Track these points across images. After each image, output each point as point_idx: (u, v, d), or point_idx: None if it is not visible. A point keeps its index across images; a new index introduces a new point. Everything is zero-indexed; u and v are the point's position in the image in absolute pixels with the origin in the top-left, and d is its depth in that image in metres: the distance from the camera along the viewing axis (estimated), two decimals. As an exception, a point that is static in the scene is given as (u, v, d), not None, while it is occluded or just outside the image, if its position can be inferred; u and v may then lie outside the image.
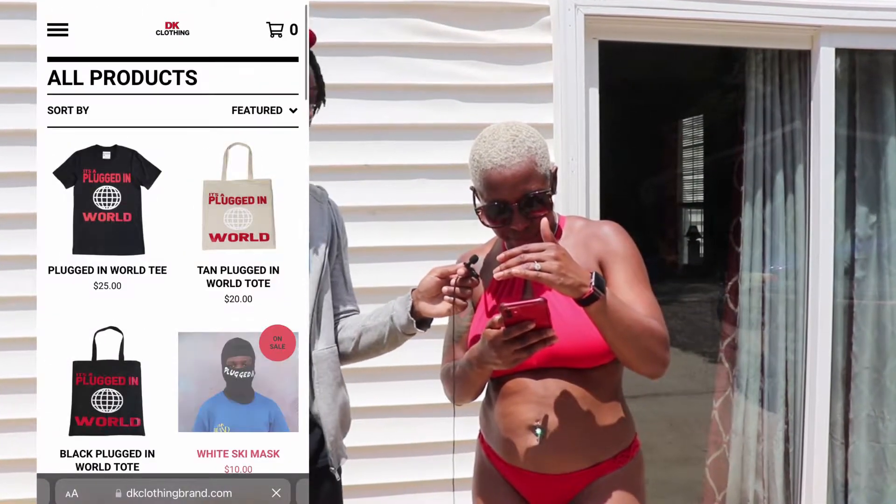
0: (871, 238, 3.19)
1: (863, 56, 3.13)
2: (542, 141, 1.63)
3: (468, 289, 1.59)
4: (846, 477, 3.19)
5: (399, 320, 1.71)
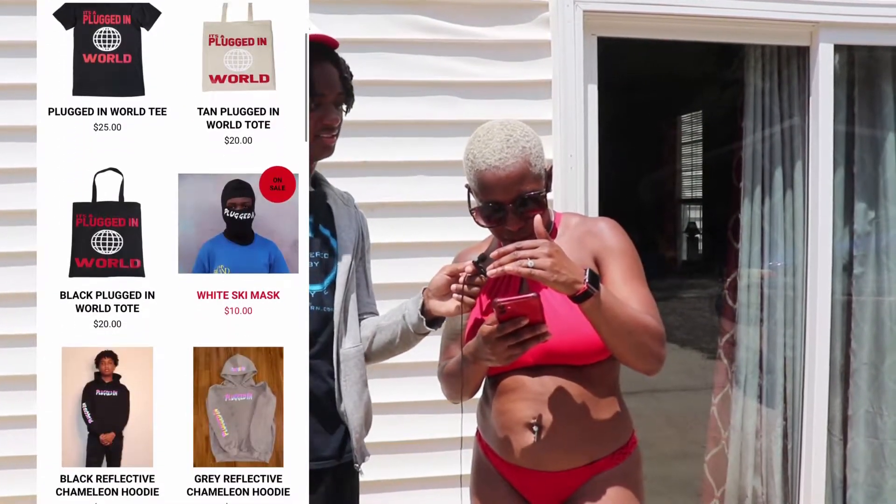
0: (870, 234, 3.20)
1: (861, 52, 3.14)
2: (536, 139, 1.63)
3: (477, 287, 1.58)
4: (844, 473, 3.20)
5: (410, 318, 1.72)
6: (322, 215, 1.78)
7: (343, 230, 1.80)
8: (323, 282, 1.73)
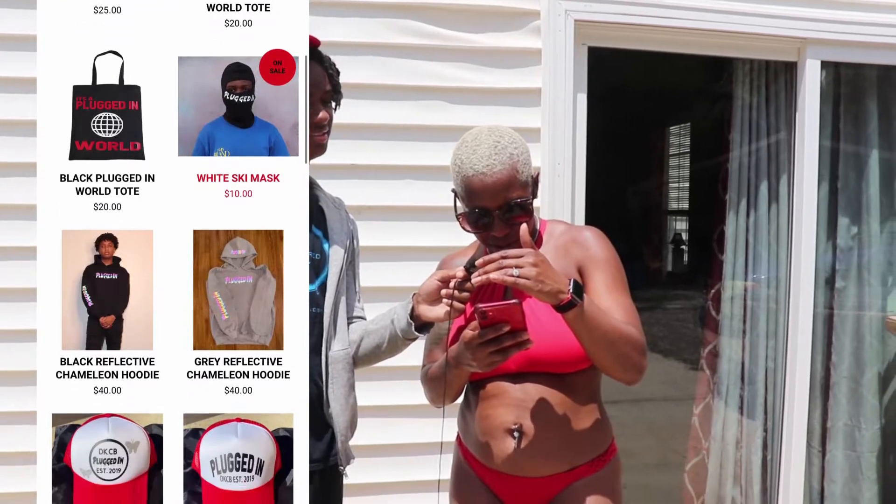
0: (853, 249, 3.23)
1: (848, 70, 3.17)
2: (524, 146, 1.63)
3: (467, 292, 1.58)
4: (822, 485, 3.22)
5: (399, 324, 1.72)
6: (314, 216, 1.78)
7: (335, 232, 1.80)
8: (314, 282, 1.73)
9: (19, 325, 2.43)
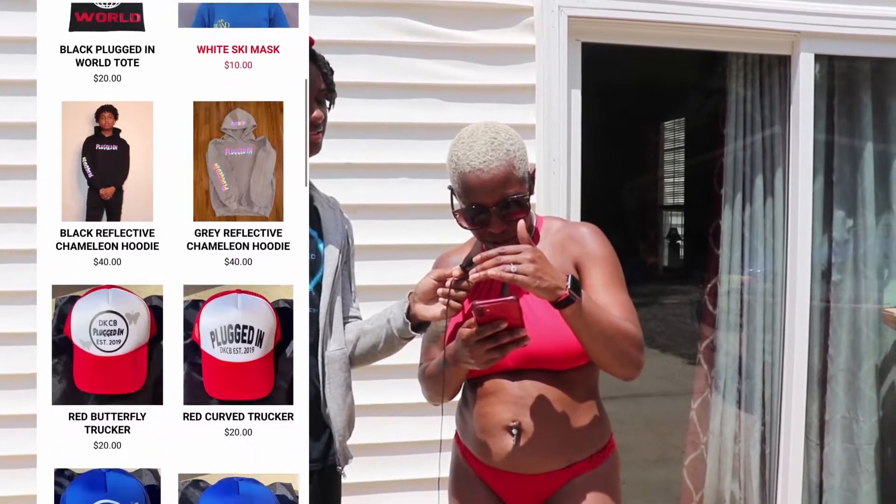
0: (848, 242, 3.23)
1: (842, 63, 3.17)
2: (520, 143, 1.63)
3: (463, 291, 1.58)
4: (821, 478, 3.23)
5: (396, 323, 1.71)
6: (309, 216, 1.78)
7: (330, 232, 1.80)
8: (310, 283, 1.72)
9: (18, 328, 2.43)
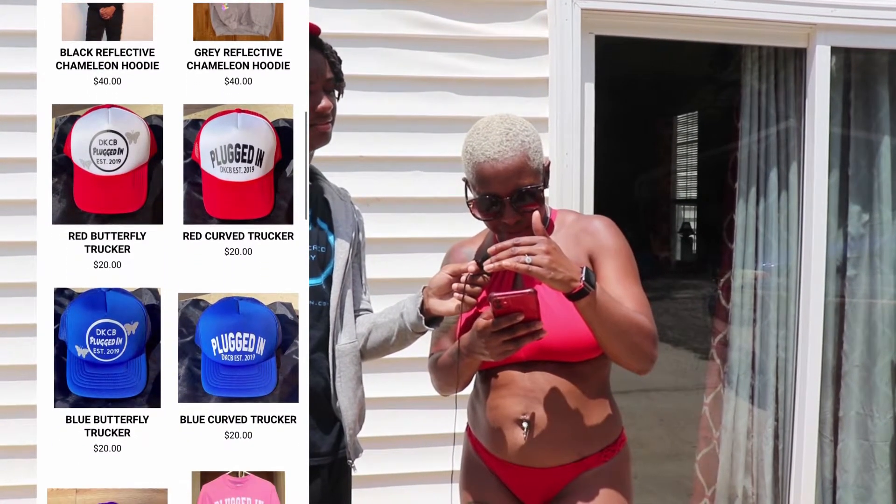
0: (864, 237, 3.21)
1: (858, 55, 3.14)
2: (535, 134, 1.63)
3: (479, 286, 1.58)
4: (835, 474, 3.21)
5: (409, 317, 1.71)
6: (320, 209, 1.78)
7: (340, 224, 1.79)
8: (320, 275, 1.72)
9: (18, 319, 2.45)
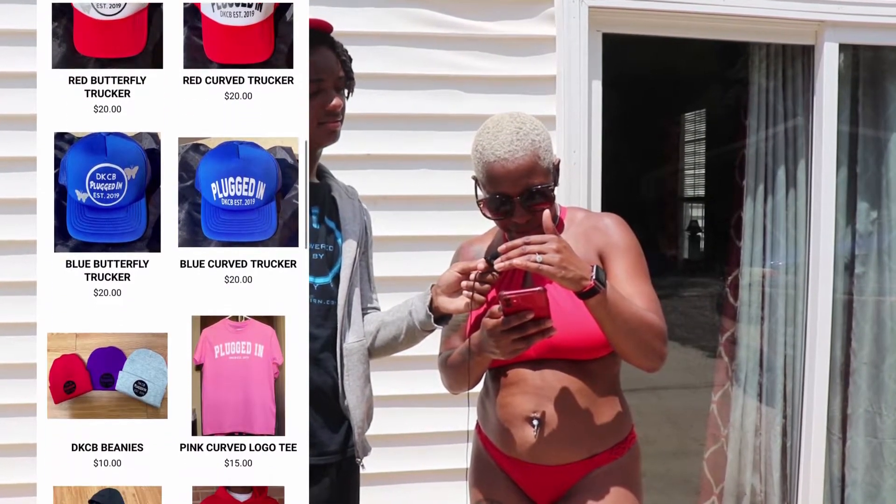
0: (872, 234, 3.20)
1: (866, 52, 3.13)
2: (545, 133, 1.63)
3: (488, 284, 1.58)
4: (843, 472, 3.20)
5: (418, 315, 1.71)
6: (327, 207, 1.78)
7: (347, 223, 1.79)
8: (327, 274, 1.72)
9: (16, 318, 2.46)
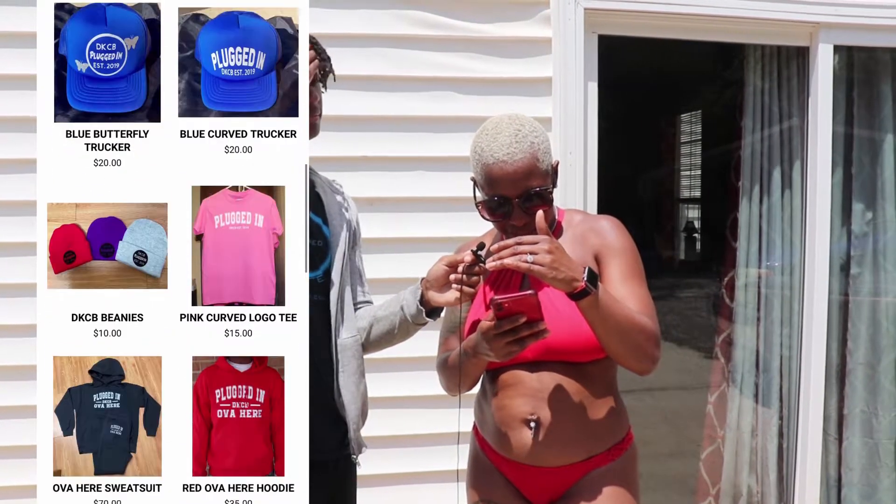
0: (867, 235, 3.20)
1: (861, 53, 3.14)
2: (544, 135, 1.63)
3: (476, 276, 1.59)
4: (839, 472, 3.21)
5: (409, 310, 1.71)
6: (312, 203, 1.76)
7: (334, 217, 1.78)
8: (317, 270, 1.72)
9: (16, 320, 2.46)
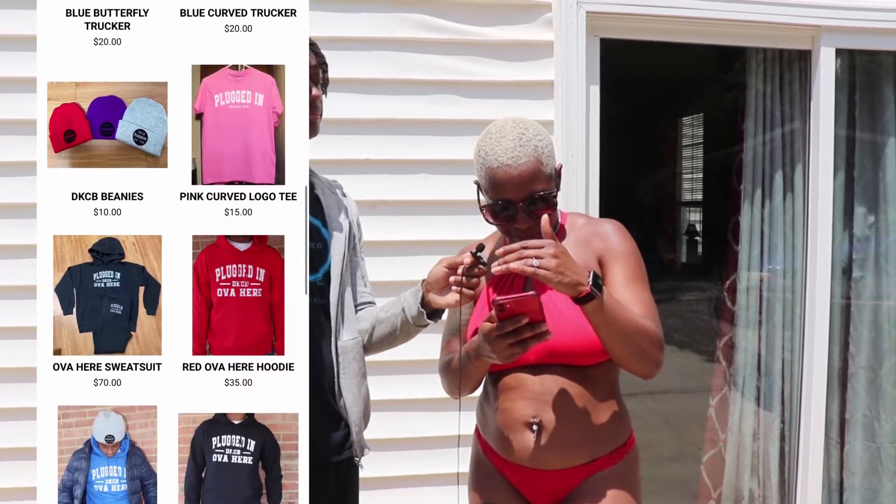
0: (869, 238, 3.20)
1: (863, 57, 3.14)
2: (548, 139, 1.63)
3: (475, 278, 1.59)
4: (841, 476, 3.20)
5: (410, 311, 1.71)
6: (311, 205, 1.76)
7: (333, 219, 1.78)
8: (318, 272, 1.72)
9: (16, 322, 2.46)
